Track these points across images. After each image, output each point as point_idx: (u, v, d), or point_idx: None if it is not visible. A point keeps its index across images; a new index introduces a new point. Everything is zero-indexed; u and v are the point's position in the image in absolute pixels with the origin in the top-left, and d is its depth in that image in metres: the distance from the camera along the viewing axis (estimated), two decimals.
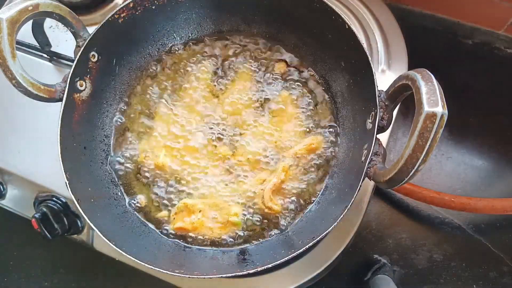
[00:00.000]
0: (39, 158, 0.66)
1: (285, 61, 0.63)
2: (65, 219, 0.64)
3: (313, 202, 0.57)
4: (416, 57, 0.70)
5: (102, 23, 0.54)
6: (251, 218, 0.57)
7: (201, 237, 0.57)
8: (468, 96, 0.76)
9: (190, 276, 0.46)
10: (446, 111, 0.35)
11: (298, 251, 0.45)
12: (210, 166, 0.59)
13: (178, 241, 0.57)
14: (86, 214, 0.48)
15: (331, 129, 0.60)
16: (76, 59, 0.53)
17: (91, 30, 0.54)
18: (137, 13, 0.57)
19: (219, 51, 0.65)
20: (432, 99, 0.36)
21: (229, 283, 0.61)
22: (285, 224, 0.56)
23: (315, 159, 0.59)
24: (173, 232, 0.57)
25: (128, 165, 0.60)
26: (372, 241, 0.69)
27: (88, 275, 0.75)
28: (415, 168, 0.37)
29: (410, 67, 0.68)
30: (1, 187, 0.69)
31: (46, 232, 0.62)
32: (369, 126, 0.50)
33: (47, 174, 0.65)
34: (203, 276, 0.46)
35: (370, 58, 0.48)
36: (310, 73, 0.62)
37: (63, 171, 0.49)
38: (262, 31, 0.64)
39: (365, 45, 0.49)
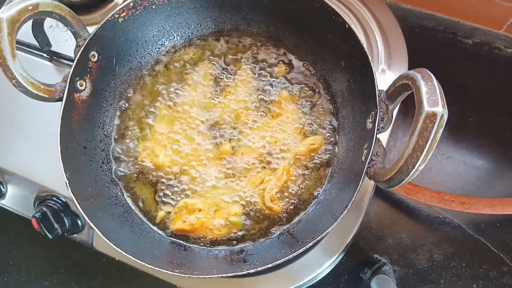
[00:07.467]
0: (39, 158, 0.66)
1: (285, 61, 0.63)
2: (65, 218, 0.64)
3: (313, 202, 0.57)
4: (416, 57, 0.70)
5: (102, 23, 0.54)
6: (251, 218, 0.57)
7: (201, 237, 0.57)
8: (468, 96, 0.76)
9: (190, 276, 0.46)
10: (446, 111, 0.35)
11: (298, 251, 0.45)
12: (211, 166, 0.59)
13: (178, 241, 0.57)
14: (86, 214, 0.48)
15: (331, 129, 0.60)
16: (76, 58, 0.53)
17: (91, 29, 0.54)
18: (137, 13, 0.57)
19: (219, 51, 0.65)
20: (432, 98, 0.36)
21: (229, 283, 0.61)
22: (285, 224, 0.56)
23: (315, 159, 0.59)
24: (173, 232, 0.57)
25: (128, 164, 0.60)
26: (372, 241, 0.69)
27: (88, 275, 0.74)
28: (415, 168, 0.37)
29: (410, 67, 0.68)
30: (1, 187, 0.69)
31: (46, 231, 0.62)
32: (369, 126, 0.50)
33: (47, 174, 0.65)
34: (203, 276, 0.46)
35: (370, 58, 0.48)
36: (310, 73, 0.62)
37: (63, 171, 0.49)
38: (262, 31, 0.64)
39: (365, 45, 0.49)
